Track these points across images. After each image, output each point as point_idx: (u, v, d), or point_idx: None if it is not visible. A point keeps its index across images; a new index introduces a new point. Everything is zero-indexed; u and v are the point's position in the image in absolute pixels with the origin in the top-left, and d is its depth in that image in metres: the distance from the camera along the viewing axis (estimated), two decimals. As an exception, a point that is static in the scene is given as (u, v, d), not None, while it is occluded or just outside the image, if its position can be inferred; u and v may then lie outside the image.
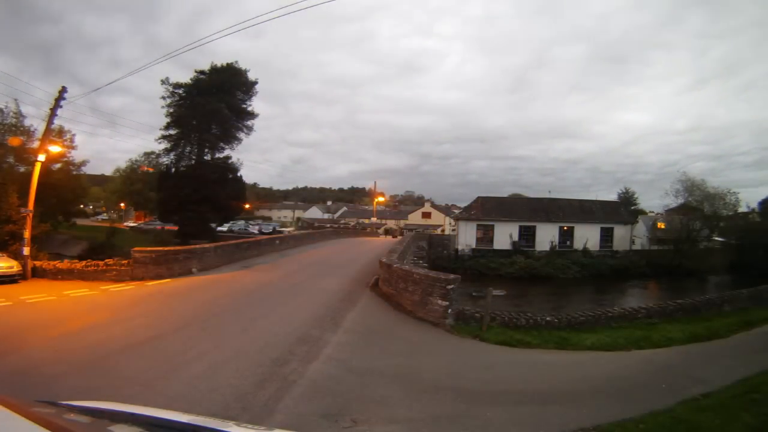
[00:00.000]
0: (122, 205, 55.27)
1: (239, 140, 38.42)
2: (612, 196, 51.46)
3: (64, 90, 15.59)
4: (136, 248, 13.59)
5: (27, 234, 14.50)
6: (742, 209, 38.47)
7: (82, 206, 43.53)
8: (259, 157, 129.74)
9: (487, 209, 35.40)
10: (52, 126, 17.07)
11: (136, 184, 49.36)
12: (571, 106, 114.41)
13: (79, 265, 14.10)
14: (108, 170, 56.07)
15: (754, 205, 41.22)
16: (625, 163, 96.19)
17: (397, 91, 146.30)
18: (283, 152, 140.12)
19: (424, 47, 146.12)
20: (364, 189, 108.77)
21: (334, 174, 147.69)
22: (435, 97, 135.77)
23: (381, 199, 75.25)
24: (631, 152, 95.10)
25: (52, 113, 15.51)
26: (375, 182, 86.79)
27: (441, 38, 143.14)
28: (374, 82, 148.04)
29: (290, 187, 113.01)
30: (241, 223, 50.80)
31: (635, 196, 54.09)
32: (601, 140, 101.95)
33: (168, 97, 35.79)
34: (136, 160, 50.99)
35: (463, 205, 47.48)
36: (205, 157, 36.99)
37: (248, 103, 38.43)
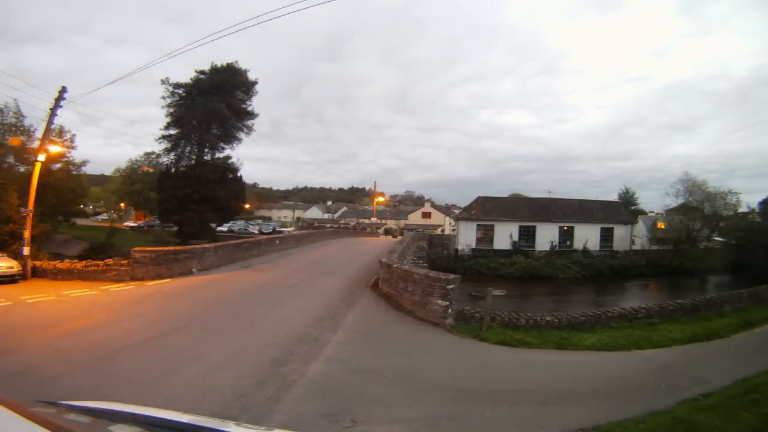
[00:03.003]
0: (122, 205, 55.21)
1: (239, 140, 38.49)
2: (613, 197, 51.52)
3: (64, 90, 15.57)
4: (136, 248, 13.57)
5: (27, 234, 14.50)
6: (742, 209, 38.47)
7: (82, 206, 43.52)
8: (351, 165, 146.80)
9: (487, 209, 35.38)
10: (52, 126, 17.06)
11: (136, 184, 49.34)
12: (638, 144, 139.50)
13: (79, 265, 14.09)
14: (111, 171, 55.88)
15: (755, 205, 41.26)
16: (656, 177, 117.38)
17: (534, 132, 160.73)
18: (378, 163, 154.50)
19: (578, 107, 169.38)
20: (363, 189, 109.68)
21: (404, 180, 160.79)
22: (554, 140, 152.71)
23: (381, 199, 75.28)
24: (665, 168, 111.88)
25: (52, 113, 15.49)
26: (375, 182, 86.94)
27: (595, 105, 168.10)
28: (527, 128, 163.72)
29: (290, 187, 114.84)
30: (241, 223, 50.82)
31: (635, 196, 54.23)
32: (648, 161, 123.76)
33: (168, 97, 35.85)
34: (136, 160, 51.05)
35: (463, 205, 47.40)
36: (205, 157, 37.00)
37: (248, 103, 38.51)
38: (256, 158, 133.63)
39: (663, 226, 38.72)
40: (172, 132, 36.11)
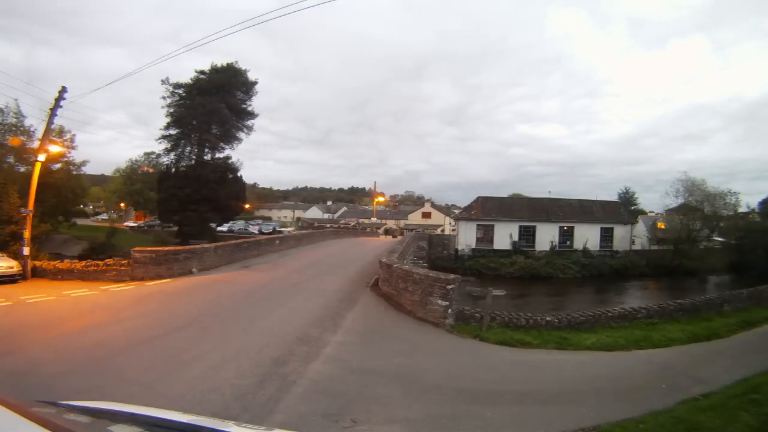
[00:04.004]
0: (122, 205, 55.21)
1: (239, 140, 38.45)
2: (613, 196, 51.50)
3: (64, 90, 15.58)
4: (136, 248, 13.58)
5: (27, 234, 14.50)
6: (742, 209, 38.48)
7: (82, 206, 43.49)
8: (379, 169, 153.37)
9: (487, 209, 35.37)
10: (52, 126, 17.06)
11: (136, 184, 49.33)
12: (651, 152, 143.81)
13: (79, 265, 14.10)
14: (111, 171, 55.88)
15: (754, 205, 41.26)
16: (663, 179, 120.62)
17: (562, 141, 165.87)
18: (403, 167, 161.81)
19: (606, 121, 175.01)
20: (364, 189, 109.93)
21: (425, 183, 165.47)
22: (577, 148, 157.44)
23: (381, 199, 75.29)
24: (673, 171, 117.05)
25: (52, 113, 15.50)
26: (375, 182, 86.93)
27: (621, 120, 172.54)
28: (558, 138, 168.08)
29: (290, 187, 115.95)
30: (241, 223, 50.78)
31: (635, 196, 54.24)
32: (658, 166, 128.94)
33: (168, 97, 35.83)
34: (136, 160, 51.03)
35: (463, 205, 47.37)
36: (205, 157, 36.97)
37: (248, 103, 38.41)
38: (294, 160, 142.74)
39: (663, 226, 38.71)
40: (172, 132, 36.06)
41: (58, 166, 26.40)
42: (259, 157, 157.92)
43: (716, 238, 36.70)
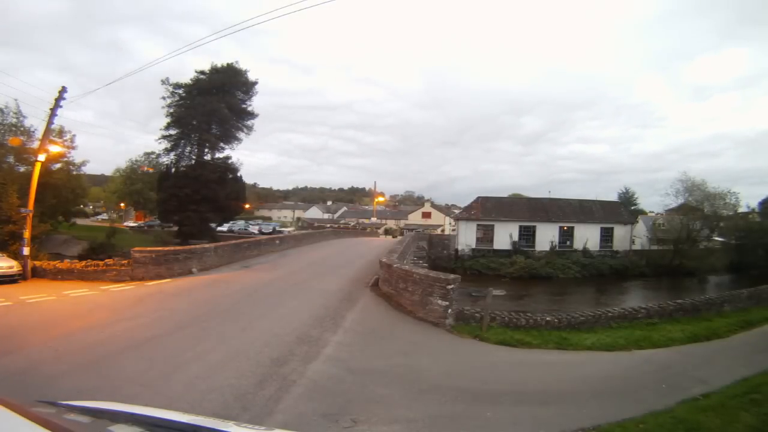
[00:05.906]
0: (122, 205, 55.21)
1: (239, 140, 38.50)
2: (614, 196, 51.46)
3: (64, 90, 15.58)
4: (136, 248, 13.58)
5: (27, 234, 14.49)
6: (742, 209, 38.47)
7: (82, 206, 43.46)
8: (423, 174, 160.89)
9: (487, 209, 35.37)
10: (52, 126, 17.06)
11: (136, 184, 49.33)
12: (670, 164, 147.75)
13: (79, 265, 14.10)
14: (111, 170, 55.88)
15: (754, 205, 41.27)
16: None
17: (602, 156, 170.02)
18: (449, 173, 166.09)
19: (643, 141, 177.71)
20: (364, 189, 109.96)
21: (459, 188, 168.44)
22: (610, 159, 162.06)
23: (381, 199, 75.33)
24: (685, 170, 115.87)
25: (52, 113, 15.49)
26: (375, 182, 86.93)
27: (654, 142, 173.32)
28: (601, 153, 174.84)
29: (290, 187, 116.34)
30: (241, 223, 50.78)
31: (635, 196, 54.26)
32: (673, 172, 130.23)
33: (168, 97, 35.84)
34: (136, 160, 51.02)
35: (463, 205, 47.37)
36: (205, 157, 36.99)
37: (248, 103, 38.46)
38: (355, 166, 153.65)
39: (663, 226, 38.72)
40: (172, 132, 36.09)
41: (58, 166, 26.37)
42: (327, 162, 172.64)
43: (716, 238, 36.69)
